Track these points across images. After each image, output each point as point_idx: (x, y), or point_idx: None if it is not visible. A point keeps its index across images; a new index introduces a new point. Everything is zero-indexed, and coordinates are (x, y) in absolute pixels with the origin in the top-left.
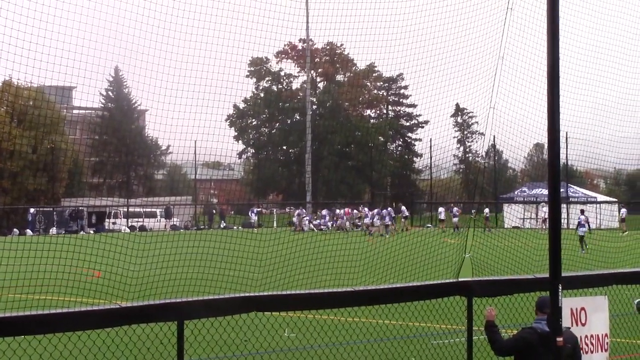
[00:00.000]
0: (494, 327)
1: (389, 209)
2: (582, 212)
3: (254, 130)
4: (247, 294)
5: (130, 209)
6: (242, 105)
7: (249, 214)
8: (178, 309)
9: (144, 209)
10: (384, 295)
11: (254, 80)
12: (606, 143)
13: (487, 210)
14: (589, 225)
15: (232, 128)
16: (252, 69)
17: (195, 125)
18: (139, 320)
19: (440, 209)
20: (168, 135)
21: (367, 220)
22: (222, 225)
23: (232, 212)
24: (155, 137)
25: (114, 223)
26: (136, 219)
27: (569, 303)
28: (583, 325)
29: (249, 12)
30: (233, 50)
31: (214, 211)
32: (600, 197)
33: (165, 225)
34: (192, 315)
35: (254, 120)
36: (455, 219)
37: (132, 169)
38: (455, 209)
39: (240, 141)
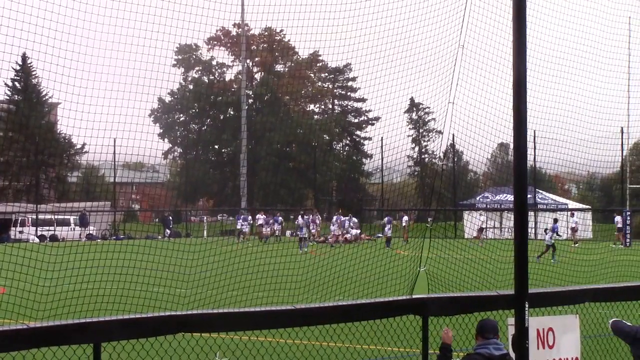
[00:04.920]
0: (448, 351)
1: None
2: (556, 221)
3: (182, 127)
4: (172, 313)
5: (40, 216)
6: (168, 99)
7: (237, 220)
8: (94, 329)
9: (56, 216)
10: (326, 314)
11: (182, 70)
12: (579, 144)
13: (405, 218)
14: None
15: (157, 124)
16: (180, 57)
17: (115, 121)
18: (50, 343)
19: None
20: (83, 132)
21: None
22: (167, 234)
23: (157, 220)
24: (68, 134)
25: (20, 232)
26: (47, 227)
27: (535, 323)
28: (550, 347)
29: None
30: (158, 35)
31: (168, 216)
32: (572, 204)
33: (80, 235)
34: (111, 337)
35: (181, 115)
36: (388, 232)
37: (42, 171)
38: (405, 217)
39: (166, 139)
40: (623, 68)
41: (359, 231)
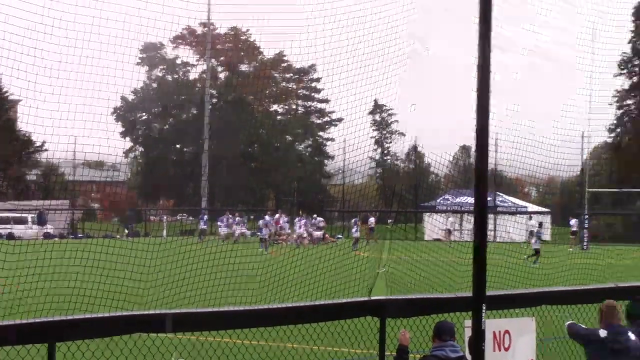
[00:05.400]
0: (405, 353)
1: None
2: (541, 225)
3: (144, 125)
4: (129, 313)
5: None
6: (131, 97)
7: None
8: (49, 329)
9: (13, 214)
10: (284, 315)
11: (146, 68)
12: (540, 147)
13: (372, 220)
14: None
15: (119, 123)
16: (144, 55)
17: (76, 119)
18: (3, 343)
19: (353, 221)
20: (44, 130)
21: (300, 231)
22: (126, 233)
23: (117, 219)
24: (28, 132)
25: None
26: (3, 226)
27: (492, 325)
28: (506, 350)
29: None
30: (122, 33)
31: (128, 215)
32: (532, 207)
33: (37, 233)
34: (66, 337)
35: (144, 114)
36: (355, 233)
37: (0, 168)
38: (371, 219)
39: (127, 138)
40: (586, 73)
41: (322, 232)
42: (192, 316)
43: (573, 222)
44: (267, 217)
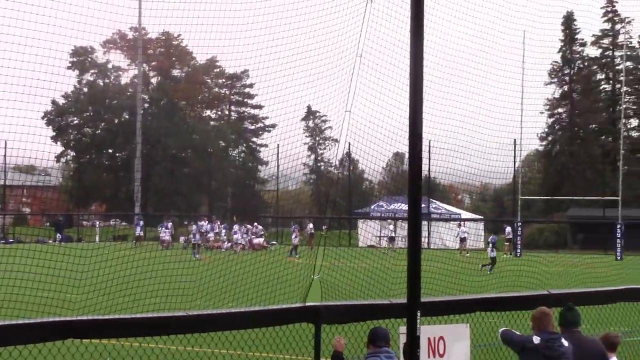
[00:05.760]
0: (340, 359)
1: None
2: (496, 232)
3: (76, 130)
4: (61, 318)
5: None
6: (62, 101)
7: (159, 229)
8: None
9: None
10: (218, 321)
11: (77, 72)
12: (473, 154)
13: (310, 225)
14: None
15: (50, 127)
16: (75, 59)
17: (6, 123)
18: None
19: (293, 227)
20: None
21: (237, 237)
22: (58, 238)
23: (48, 224)
24: None
25: None
26: None
27: (426, 331)
28: (441, 356)
29: None
30: (53, 37)
31: (60, 220)
32: (465, 214)
33: None
34: None
35: (75, 118)
36: (295, 240)
37: None
38: (310, 225)
39: (59, 142)
40: (517, 81)
41: (262, 239)
42: (125, 322)
43: (508, 229)
44: (200, 223)
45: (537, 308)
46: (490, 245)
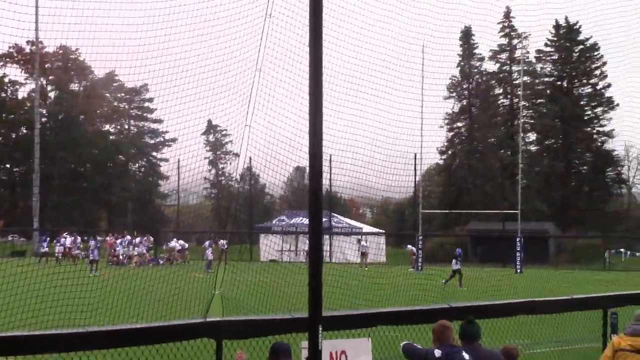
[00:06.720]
0: None
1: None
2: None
3: None
4: None
5: None
6: None
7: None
8: None
9: None
10: (116, 337)
11: None
12: (375, 169)
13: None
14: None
15: None
16: None
17: None
18: None
19: (207, 243)
20: None
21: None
22: None
23: None
24: None
25: None
26: None
27: (328, 345)
28: None
29: None
30: None
31: None
32: (367, 228)
33: None
34: None
35: None
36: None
37: None
38: (222, 241)
39: None
40: (417, 95)
41: (145, 249)
42: (18, 339)
43: (411, 247)
44: (99, 238)
45: (438, 321)
46: (455, 258)
